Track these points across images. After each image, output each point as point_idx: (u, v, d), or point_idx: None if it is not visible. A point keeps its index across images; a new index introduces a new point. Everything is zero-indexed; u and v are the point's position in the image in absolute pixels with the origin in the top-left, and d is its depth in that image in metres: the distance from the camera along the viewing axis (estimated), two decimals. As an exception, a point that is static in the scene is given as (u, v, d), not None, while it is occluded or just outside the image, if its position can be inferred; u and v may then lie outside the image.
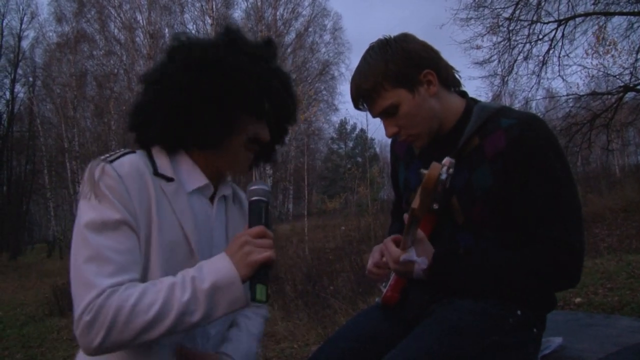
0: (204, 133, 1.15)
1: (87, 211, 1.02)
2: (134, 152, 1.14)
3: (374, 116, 1.36)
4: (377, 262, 1.39)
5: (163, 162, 1.15)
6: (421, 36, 1.36)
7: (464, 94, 1.41)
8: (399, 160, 1.55)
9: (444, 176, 1.11)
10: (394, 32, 1.37)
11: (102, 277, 0.96)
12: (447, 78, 1.34)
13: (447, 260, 1.28)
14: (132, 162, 1.09)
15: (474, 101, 1.39)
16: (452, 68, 1.36)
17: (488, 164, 1.26)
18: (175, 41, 1.21)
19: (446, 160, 1.15)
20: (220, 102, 1.13)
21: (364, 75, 1.30)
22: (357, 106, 1.36)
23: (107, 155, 1.10)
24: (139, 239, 1.05)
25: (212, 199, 1.25)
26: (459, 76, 1.38)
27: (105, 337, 0.94)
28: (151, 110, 1.16)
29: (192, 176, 1.19)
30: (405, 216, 1.25)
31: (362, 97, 1.32)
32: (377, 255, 1.40)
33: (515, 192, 1.24)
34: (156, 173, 1.12)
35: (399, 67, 1.27)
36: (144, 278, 1.05)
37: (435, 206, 1.29)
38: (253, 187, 1.12)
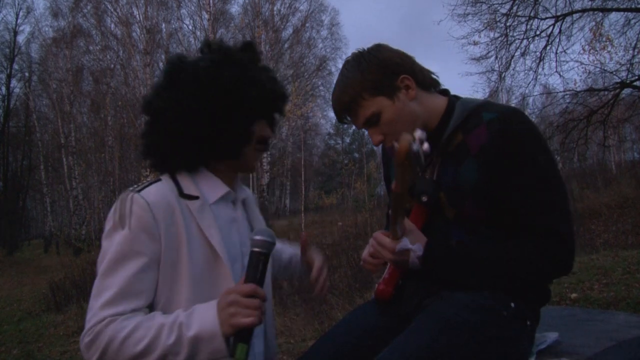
0: (228, 147, 1.23)
1: (111, 242, 1.13)
2: (159, 180, 1.22)
3: (359, 127, 1.37)
4: (373, 252, 1.38)
5: (187, 183, 1.23)
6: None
7: (445, 92, 1.42)
8: (390, 161, 1.56)
9: (415, 147, 1.04)
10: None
11: (106, 307, 1.08)
12: (425, 80, 1.36)
13: (439, 250, 1.28)
14: (158, 190, 1.17)
15: (457, 98, 1.40)
16: (428, 71, 1.38)
17: (473, 159, 1.27)
18: (171, 65, 1.25)
19: (417, 131, 1.09)
20: (237, 115, 1.21)
21: (343, 88, 1.32)
22: (341, 120, 1.38)
23: (135, 186, 1.20)
24: (158, 266, 1.14)
25: (234, 202, 1.33)
26: (437, 77, 1.40)
27: (100, 358, 1.07)
28: (169, 140, 1.21)
29: (214, 188, 1.27)
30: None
31: (344, 110, 1.34)
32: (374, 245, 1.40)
33: (501, 185, 1.25)
34: (182, 194, 1.19)
35: (375, 76, 1.29)
36: (171, 294, 1.15)
37: (424, 198, 1.29)
38: (256, 238, 1.09)
